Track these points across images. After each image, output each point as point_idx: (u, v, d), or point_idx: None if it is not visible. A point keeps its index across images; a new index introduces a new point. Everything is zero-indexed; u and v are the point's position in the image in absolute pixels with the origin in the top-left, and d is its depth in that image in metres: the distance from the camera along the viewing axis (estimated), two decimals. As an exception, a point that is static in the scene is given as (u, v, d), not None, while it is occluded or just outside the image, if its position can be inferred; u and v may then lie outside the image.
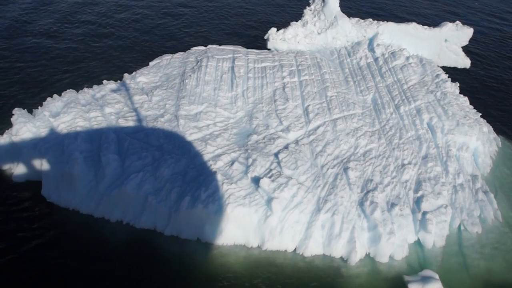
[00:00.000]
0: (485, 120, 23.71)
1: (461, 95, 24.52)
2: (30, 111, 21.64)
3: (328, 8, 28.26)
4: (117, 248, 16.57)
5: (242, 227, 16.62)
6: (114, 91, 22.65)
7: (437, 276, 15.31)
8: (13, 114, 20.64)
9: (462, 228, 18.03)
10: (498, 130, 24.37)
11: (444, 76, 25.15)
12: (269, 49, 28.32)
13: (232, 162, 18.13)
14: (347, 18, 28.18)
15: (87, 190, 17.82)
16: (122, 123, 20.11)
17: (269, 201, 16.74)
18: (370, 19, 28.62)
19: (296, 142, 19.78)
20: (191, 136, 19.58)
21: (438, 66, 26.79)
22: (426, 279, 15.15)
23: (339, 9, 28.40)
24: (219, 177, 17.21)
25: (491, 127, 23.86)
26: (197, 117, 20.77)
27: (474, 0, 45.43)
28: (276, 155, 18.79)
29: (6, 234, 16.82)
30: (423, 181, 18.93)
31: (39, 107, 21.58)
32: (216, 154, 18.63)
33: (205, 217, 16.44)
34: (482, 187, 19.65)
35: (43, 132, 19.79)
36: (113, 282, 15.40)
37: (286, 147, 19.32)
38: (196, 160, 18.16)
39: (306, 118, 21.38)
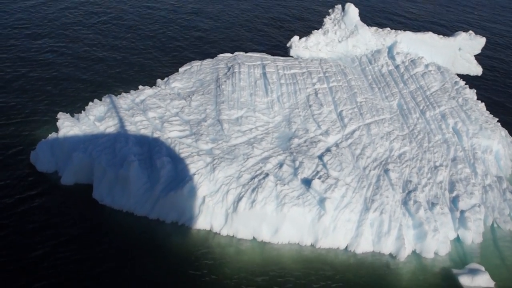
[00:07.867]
0: (499, 125, 25.20)
1: (479, 101, 26.05)
2: (71, 115, 22.03)
3: (348, 18, 29.46)
4: (173, 248, 17.15)
5: (296, 226, 17.48)
6: (151, 96, 23.20)
7: (483, 269, 16.49)
8: (58, 119, 21.04)
9: (495, 225, 19.32)
10: (512, 134, 25.90)
11: (462, 83, 26.63)
12: (291, 57, 29.29)
13: (281, 165, 18.98)
14: (367, 27, 29.44)
15: (142, 192, 18.35)
16: (168, 127, 20.70)
17: (321, 201, 17.65)
18: (388, 28, 29.95)
19: (336, 145, 20.77)
20: (237, 139, 20.35)
21: (454, 73, 28.27)
22: (474, 272, 16.30)
23: (358, 18, 29.64)
24: (272, 178, 18.04)
25: (507, 131, 25.37)
26: (239, 122, 21.56)
27: (472, 10, 47.63)
28: (320, 157, 19.73)
29: (60, 236, 17.15)
30: (456, 182, 20.16)
31: (82, 111, 21.98)
32: (263, 157, 19.45)
33: (263, 217, 17.23)
34: (508, 187, 21.02)
35: (90, 136, 20.24)
36: (172, 280, 15.98)
37: (328, 150, 20.28)
38: (246, 163, 18.92)
39: (341, 122, 22.41)
